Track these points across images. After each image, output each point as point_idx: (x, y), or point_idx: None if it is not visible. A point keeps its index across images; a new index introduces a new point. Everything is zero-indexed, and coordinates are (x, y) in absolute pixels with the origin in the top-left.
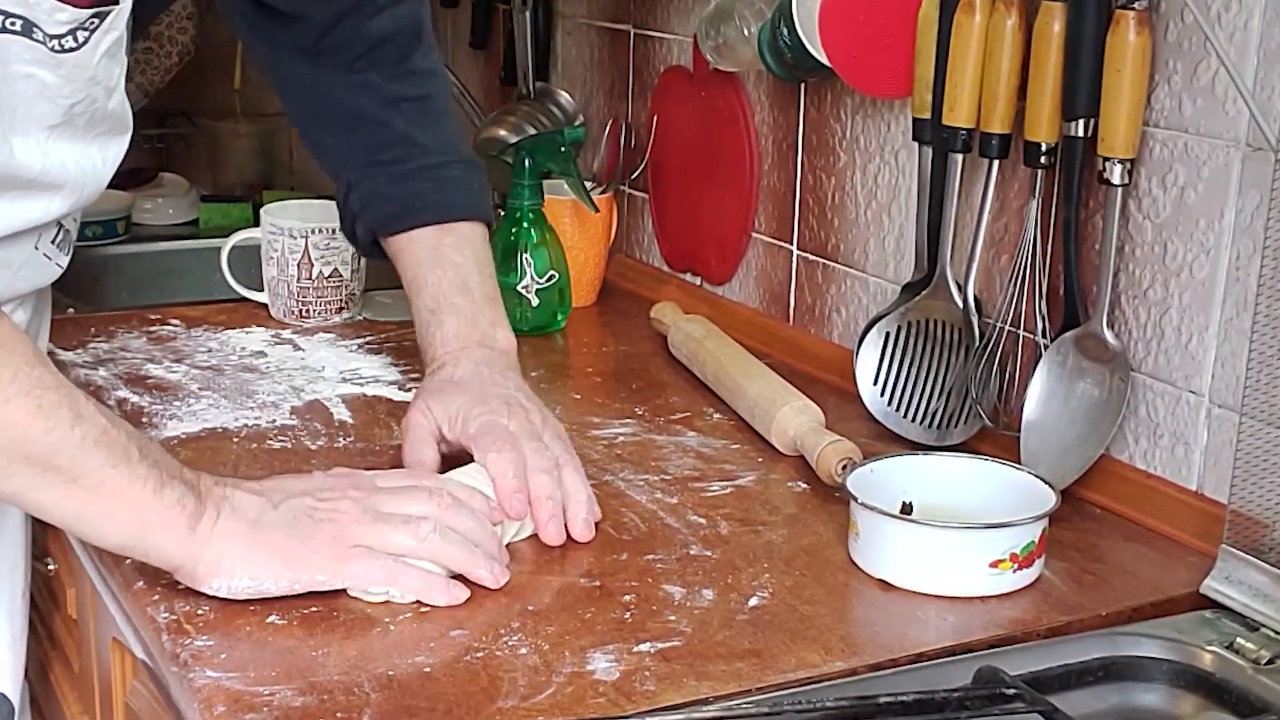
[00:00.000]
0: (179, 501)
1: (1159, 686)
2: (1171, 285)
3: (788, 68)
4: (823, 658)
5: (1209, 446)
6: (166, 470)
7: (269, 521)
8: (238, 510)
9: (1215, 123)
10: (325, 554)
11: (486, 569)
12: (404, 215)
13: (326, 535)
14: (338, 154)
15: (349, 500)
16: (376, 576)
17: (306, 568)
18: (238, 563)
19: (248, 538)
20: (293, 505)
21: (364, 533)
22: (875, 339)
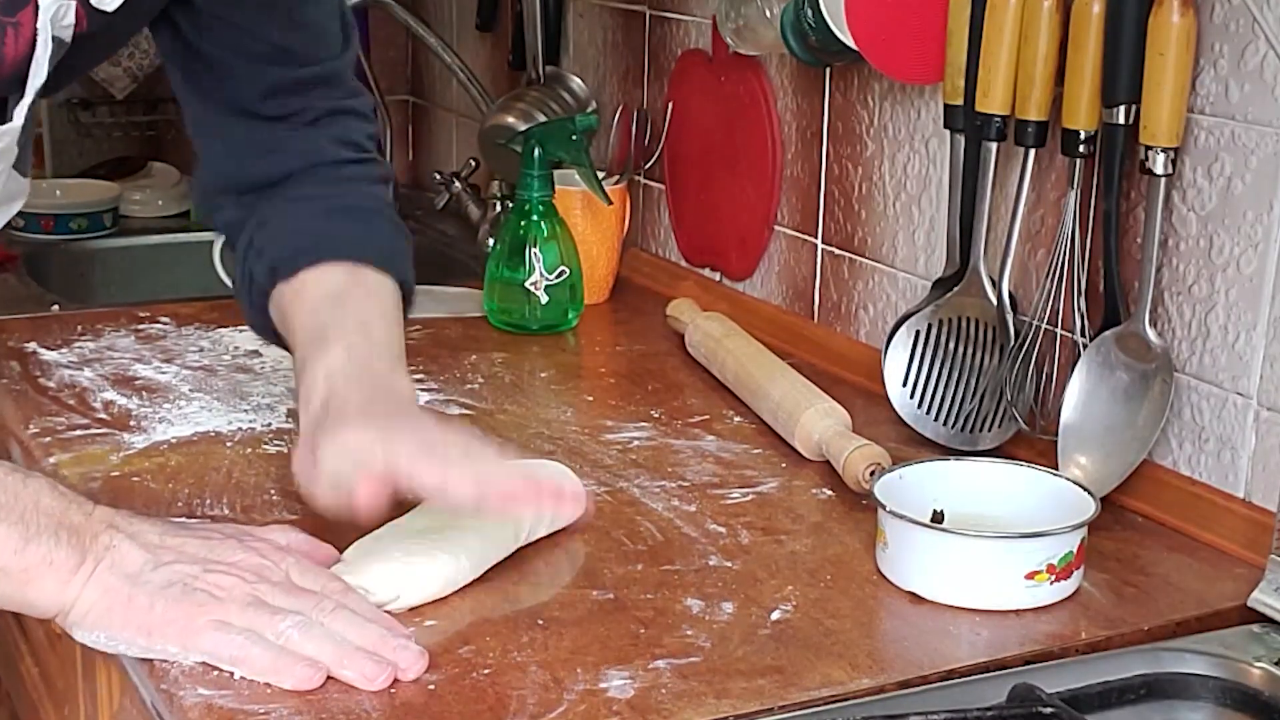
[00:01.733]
0: (46, 558)
1: (1204, 705)
2: (1217, 281)
3: (812, 51)
4: (849, 674)
5: (1257, 452)
6: (37, 523)
7: (144, 581)
8: (116, 565)
9: (1263, 109)
10: (180, 625)
11: (355, 669)
12: (314, 248)
13: (189, 606)
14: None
15: (236, 580)
16: (224, 652)
17: (160, 636)
18: (99, 619)
19: (115, 596)
20: (176, 570)
21: (229, 611)
22: (904, 338)
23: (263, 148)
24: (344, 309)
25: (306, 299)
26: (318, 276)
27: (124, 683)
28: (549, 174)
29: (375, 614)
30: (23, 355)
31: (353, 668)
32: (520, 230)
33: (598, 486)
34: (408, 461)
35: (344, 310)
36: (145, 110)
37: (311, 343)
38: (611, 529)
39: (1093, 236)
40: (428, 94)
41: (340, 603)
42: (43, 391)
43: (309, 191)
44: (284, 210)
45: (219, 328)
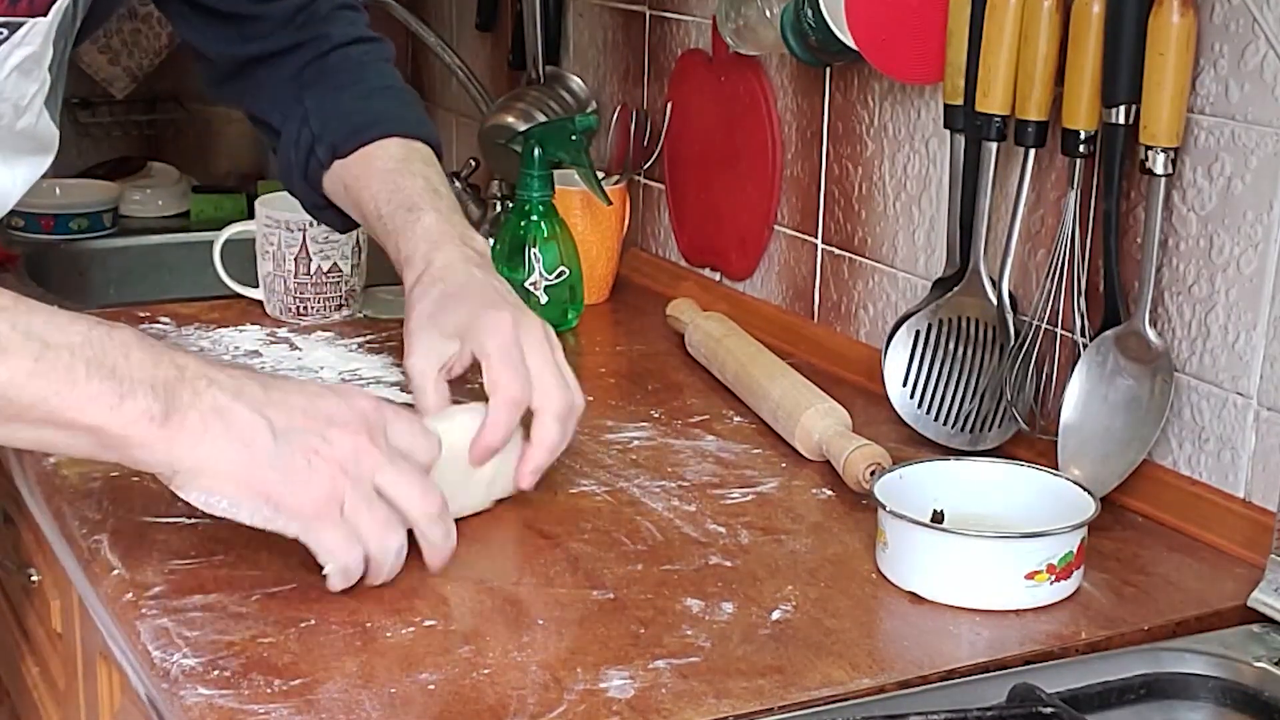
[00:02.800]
0: (145, 413)
1: (1204, 705)
2: (1217, 281)
3: (812, 51)
4: (849, 674)
5: (1257, 452)
6: (129, 379)
7: (261, 447)
8: (232, 427)
9: (1264, 109)
10: (308, 509)
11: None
12: (371, 126)
13: (318, 489)
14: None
15: (355, 454)
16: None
17: (285, 514)
18: (222, 482)
19: (238, 461)
20: (294, 440)
21: (351, 506)
22: (904, 338)
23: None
24: (415, 179)
25: (375, 170)
26: (378, 150)
27: (124, 683)
28: (549, 174)
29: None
30: None
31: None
32: (520, 230)
33: (598, 486)
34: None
35: (415, 180)
36: (145, 110)
37: (400, 209)
38: (611, 529)
39: (1093, 236)
40: (428, 94)
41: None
42: None
43: (344, 79)
44: (330, 99)
45: (219, 328)
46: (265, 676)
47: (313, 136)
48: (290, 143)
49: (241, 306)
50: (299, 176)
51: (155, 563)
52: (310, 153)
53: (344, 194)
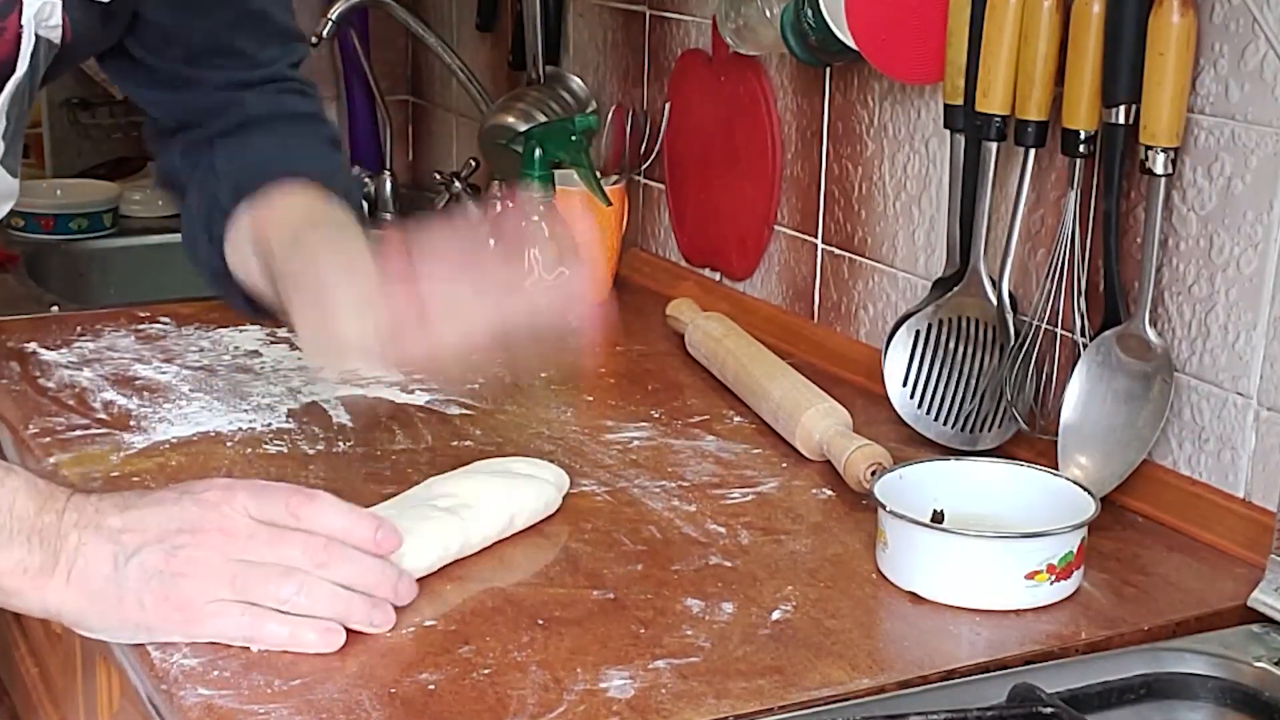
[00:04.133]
0: (19, 564)
1: (1204, 705)
2: (1217, 281)
3: (812, 51)
4: (849, 675)
5: (1257, 452)
6: (10, 528)
7: (121, 580)
8: (90, 567)
9: (1264, 109)
10: (178, 616)
11: (363, 618)
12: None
13: (178, 597)
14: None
15: (210, 550)
16: (234, 633)
17: (162, 630)
18: (92, 621)
19: (100, 599)
20: (146, 559)
21: (219, 588)
22: (904, 338)
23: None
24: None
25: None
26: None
27: (123, 683)
28: (550, 175)
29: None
30: (23, 355)
31: (360, 619)
32: None
33: (598, 486)
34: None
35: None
36: None
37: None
38: (611, 529)
39: (1093, 236)
40: (428, 94)
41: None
42: (43, 392)
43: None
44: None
45: (219, 328)
46: (265, 676)
47: (216, 182)
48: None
49: None
50: (202, 234)
51: None
52: (214, 204)
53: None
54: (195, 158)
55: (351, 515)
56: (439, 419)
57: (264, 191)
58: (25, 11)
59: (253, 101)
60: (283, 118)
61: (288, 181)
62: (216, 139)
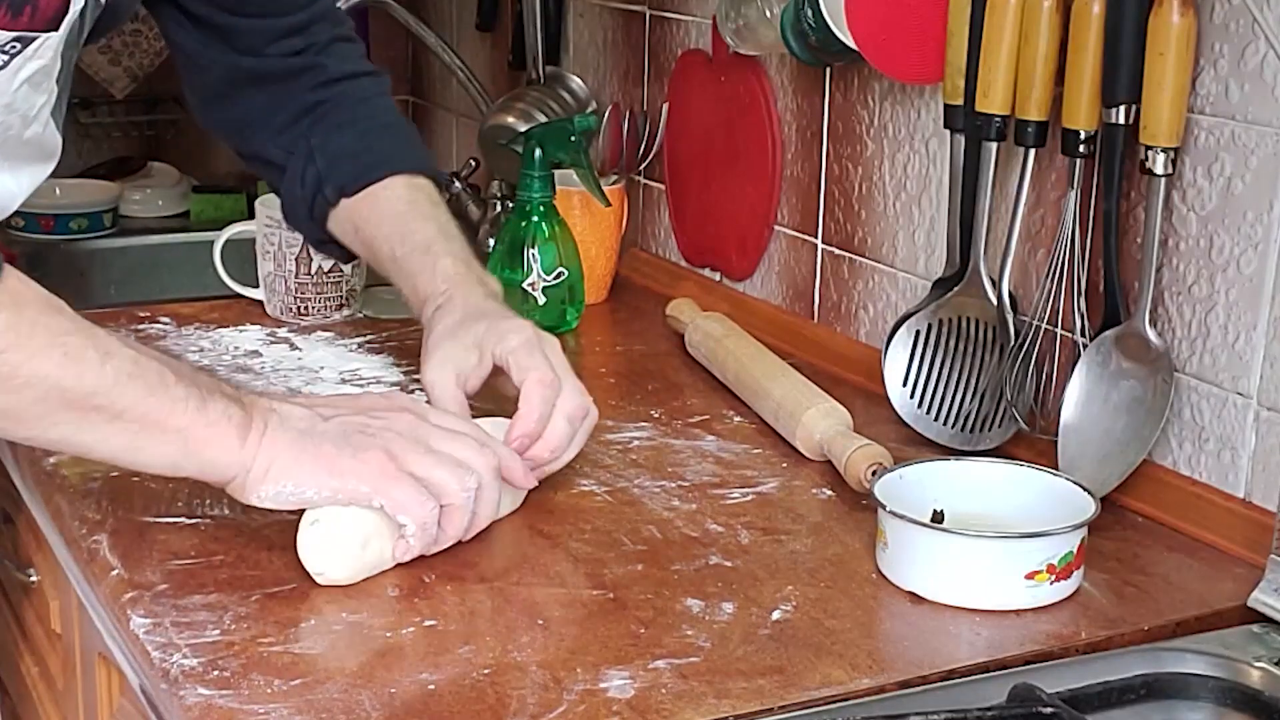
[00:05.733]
0: (224, 414)
1: (1204, 705)
2: (1217, 281)
3: (812, 51)
4: (849, 674)
5: (1257, 452)
6: (205, 387)
7: (319, 431)
8: (286, 421)
9: (1264, 109)
10: (373, 468)
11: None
12: (377, 166)
13: (377, 452)
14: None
15: (402, 424)
16: (415, 509)
17: (353, 477)
18: (285, 470)
19: (297, 446)
20: (344, 421)
21: (415, 460)
22: (904, 338)
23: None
24: (427, 221)
25: (385, 212)
26: (384, 190)
27: (123, 683)
28: (550, 175)
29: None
30: None
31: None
32: (520, 231)
33: (598, 486)
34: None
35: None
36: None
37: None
38: (611, 529)
39: (1093, 236)
40: (428, 94)
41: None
42: None
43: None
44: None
45: (219, 328)
46: (265, 676)
47: (319, 176)
48: (296, 180)
49: (241, 306)
50: (304, 213)
51: (155, 563)
52: (317, 191)
53: (353, 234)
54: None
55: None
56: None
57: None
58: None
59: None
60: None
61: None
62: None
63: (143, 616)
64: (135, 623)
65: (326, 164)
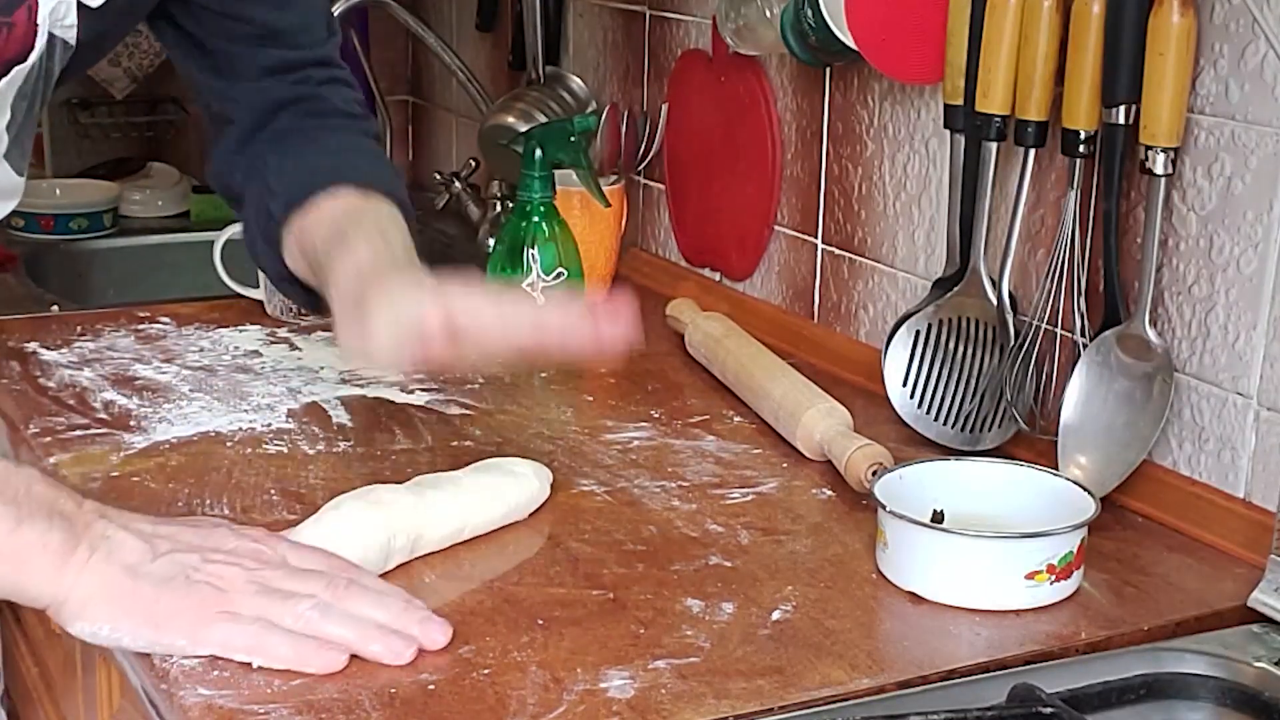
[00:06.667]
0: (41, 539)
1: (1204, 705)
2: (1217, 281)
3: (812, 51)
4: (849, 675)
5: (1257, 452)
6: (29, 506)
7: (144, 572)
8: (114, 553)
9: (1264, 109)
10: (188, 617)
11: (380, 644)
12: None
13: (196, 598)
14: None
15: (238, 569)
16: (238, 643)
17: (168, 629)
18: (100, 609)
19: (116, 586)
20: (175, 560)
21: (239, 601)
22: (904, 338)
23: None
24: (362, 219)
25: (325, 217)
26: (330, 198)
27: (123, 682)
28: (550, 175)
29: (388, 588)
30: (23, 355)
31: (379, 643)
32: (520, 231)
33: (598, 486)
34: (463, 298)
35: (362, 220)
36: (145, 110)
37: (335, 244)
38: (611, 529)
39: (1093, 236)
40: (428, 94)
41: (351, 579)
42: (43, 391)
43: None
44: (292, 155)
45: (219, 328)
46: (265, 676)
47: (271, 193)
48: (252, 205)
49: (241, 306)
50: (262, 241)
51: None
52: (268, 212)
53: (298, 256)
54: (250, 167)
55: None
56: (439, 419)
57: (313, 199)
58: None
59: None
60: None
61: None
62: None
63: None
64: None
65: (278, 179)
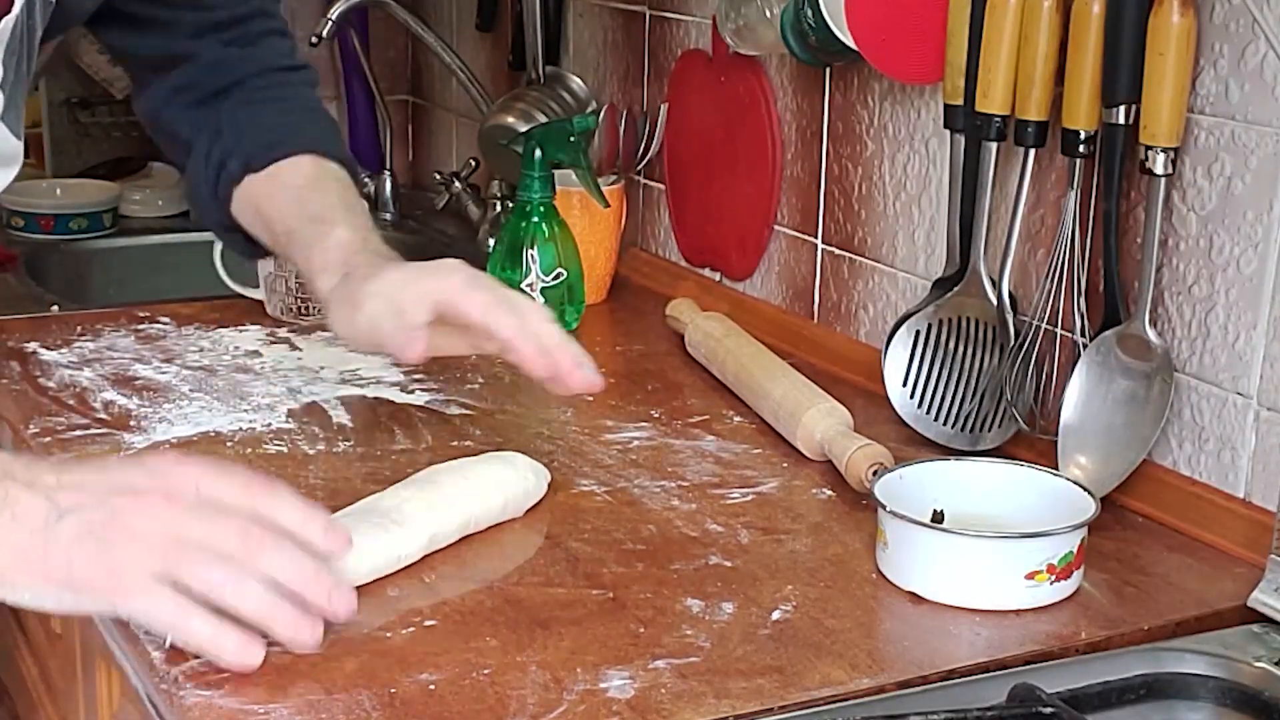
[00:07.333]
0: None
1: (1204, 705)
2: (1217, 281)
3: (812, 51)
4: (849, 674)
5: (1257, 452)
6: None
7: (53, 535)
8: (19, 517)
9: (1263, 109)
10: (105, 582)
11: (287, 628)
12: (285, 142)
13: (108, 561)
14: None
15: (148, 518)
16: (158, 617)
17: (88, 595)
18: (18, 575)
19: (28, 551)
20: (84, 520)
21: (152, 560)
22: (904, 338)
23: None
24: (327, 195)
25: (286, 185)
26: (290, 166)
27: (124, 683)
28: (550, 175)
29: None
30: (23, 355)
31: (284, 628)
32: (520, 231)
33: (598, 486)
34: (460, 288)
35: (328, 195)
36: None
37: (309, 222)
38: (611, 529)
39: (1093, 236)
40: (428, 94)
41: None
42: (43, 391)
43: (264, 95)
44: (245, 113)
45: (219, 328)
46: (265, 676)
47: (225, 150)
48: (201, 155)
49: (241, 306)
50: (208, 193)
51: None
52: (222, 167)
53: (253, 215)
54: (199, 119)
55: (303, 509)
56: (439, 419)
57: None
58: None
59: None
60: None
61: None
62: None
63: None
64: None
65: (234, 138)
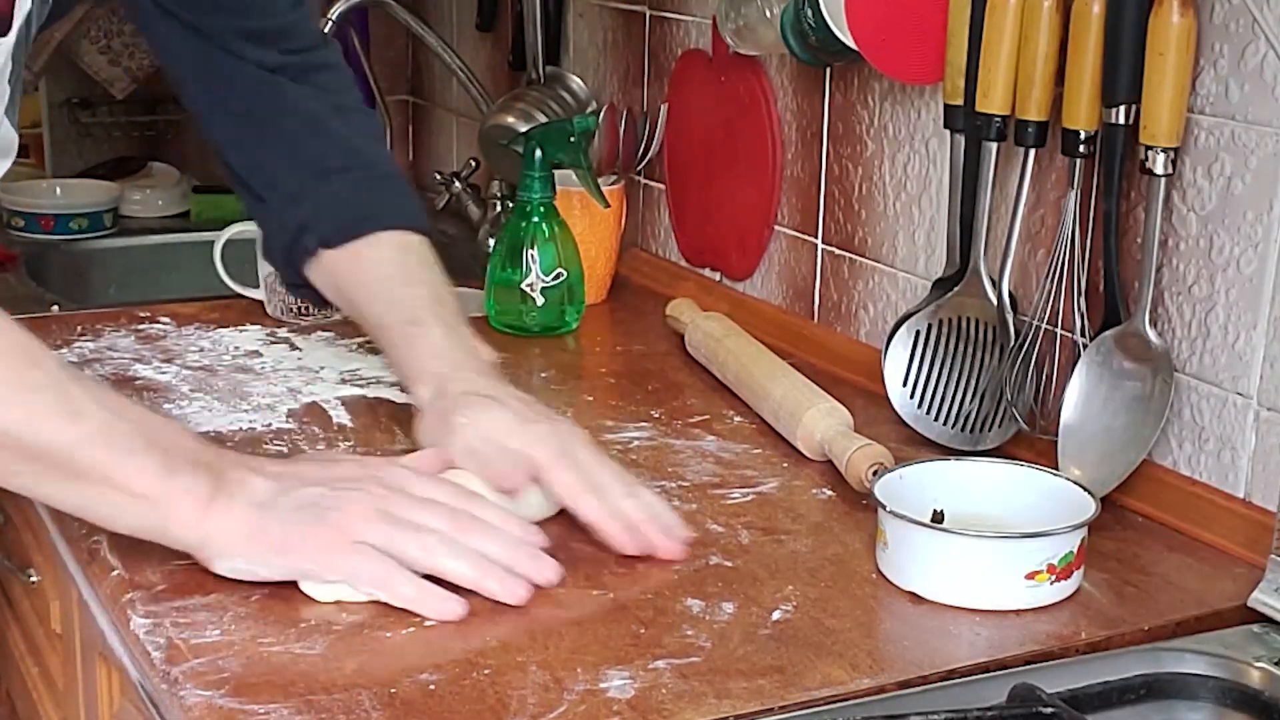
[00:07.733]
0: (187, 489)
1: (1204, 705)
2: (1217, 281)
3: (812, 51)
4: (849, 674)
5: (1257, 452)
6: (178, 457)
7: (276, 506)
8: (249, 495)
9: (1264, 109)
10: (320, 544)
11: (498, 583)
12: (364, 221)
13: (327, 526)
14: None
15: (364, 494)
16: (365, 575)
17: (298, 555)
18: (237, 545)
19: (251, 522)
20: (304, 494)
21: (367, 530)
22: (904, 338)
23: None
24: (416, 288)
25: (374, 276)
26: (371, 247)
27: (124, 682)
28: (550, 175)
29: (505, 518)
30: None
31: (497, 582)
32: (520, 231)
33: None
34: (546, 465)
35: (417, 289)
36: (145, 110)
37: (403, 320)
38: None
39: (1093, 236)
40: (428, 94)
41: (470, 512)
42: None
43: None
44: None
45: (219, 328)
46: (265, 676)
47: (300, 223)
48: (274, 218)
49: (241, 306)
50: (280, 255)
51: (155, 563)
52: (297, 238)
53: (334, 291)
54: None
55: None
56: None
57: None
58: None
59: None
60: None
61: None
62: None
63: (143, 616)
64: (135, 623)
65: (311, 211)
